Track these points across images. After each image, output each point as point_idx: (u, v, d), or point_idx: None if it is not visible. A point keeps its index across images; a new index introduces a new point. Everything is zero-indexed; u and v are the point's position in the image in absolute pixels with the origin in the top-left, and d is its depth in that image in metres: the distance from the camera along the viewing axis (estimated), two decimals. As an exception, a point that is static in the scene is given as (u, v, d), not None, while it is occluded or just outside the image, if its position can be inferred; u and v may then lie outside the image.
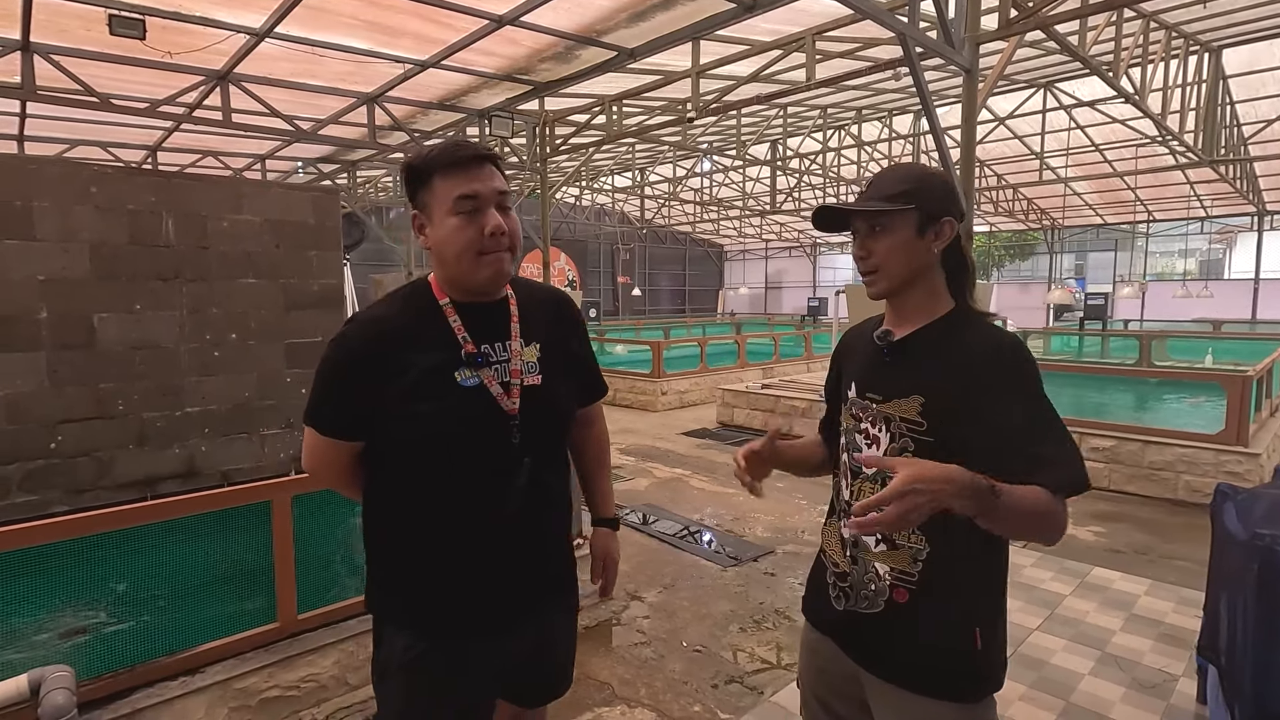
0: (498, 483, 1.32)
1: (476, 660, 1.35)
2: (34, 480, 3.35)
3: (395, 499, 1.33)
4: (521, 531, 1.36)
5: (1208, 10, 7.34)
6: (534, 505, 1.36)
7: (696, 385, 10.81)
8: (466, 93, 7.43)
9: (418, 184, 1.28)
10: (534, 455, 1.34)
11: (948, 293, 1.32)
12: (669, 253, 27.17)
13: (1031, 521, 1.12)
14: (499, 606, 1.36)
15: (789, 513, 5.31)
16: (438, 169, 1.25)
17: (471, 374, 1.29)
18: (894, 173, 1.31)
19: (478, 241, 1.25)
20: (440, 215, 1.25)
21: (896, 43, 4.34)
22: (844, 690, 1.38)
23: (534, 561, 1.40)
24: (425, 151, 1.27)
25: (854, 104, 10.94)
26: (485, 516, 1.32)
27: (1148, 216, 17.84)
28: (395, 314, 1.32)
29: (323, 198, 4.27)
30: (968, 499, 1.02)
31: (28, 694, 1.87)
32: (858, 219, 1.30)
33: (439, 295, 1.32)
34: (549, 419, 1.39)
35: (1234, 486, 2.54)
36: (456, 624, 1.33)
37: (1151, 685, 2.86)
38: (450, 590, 1.33)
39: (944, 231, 1.28)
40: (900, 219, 1.25)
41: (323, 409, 1.31)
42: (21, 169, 3.27)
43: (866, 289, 1.33)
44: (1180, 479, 5.52)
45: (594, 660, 3.12)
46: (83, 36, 5.49)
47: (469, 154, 1.25)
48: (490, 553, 1.33)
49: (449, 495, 1.30)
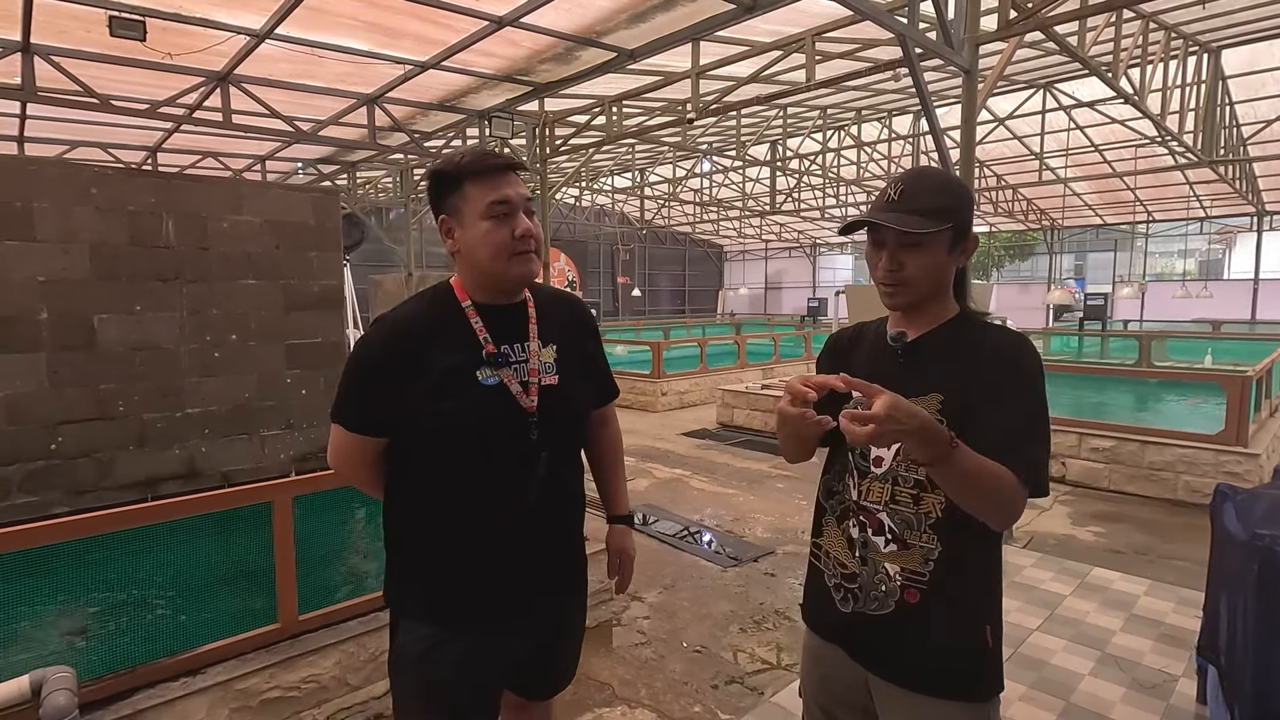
0: (517, 476, 1.39)
1: (492, 648, 1.41)
2: (34, 481, 3.35)
3: (419, 493, 1.40)
4: (539, 523, 1.42)
5: (1207, 11, 7.34)
6: (551, 498, 1.43)
7: (696, 386, 10.82)
8: (466, 93, 7.43)
9: (449, 189, 1.35)
10: (551, 451, 1.41)
11: (954, 298, 1.33)
12: (669, 253, 27.18)
13: (983, 489, 1.13)
14: (516, 593, 1.42)
15: (789, 513, 5.31)
16: (469, 175, 1.32)
17: (492, 373, 1.36)
18: (928, 182, 1.28)
19: (509, 243, 1.33)
20: (472, 219, 1.33)
21: (896, 43, 4.35)
22: (848, 698, 1.37)
23: (550, 552, 1.47)
24: (455, 159, 1.34)
25: (854, 104, 10.95)
26: (505, 508, 1.38)
27: (1147, 217, 17.85)
28: (420, 314, 1.39)
29: (323, 199, 4.27)
30: (928, 441, 1.05)
31: (29, 695, 1.87)
32: (891, 230, 1.25)
33: (462, 297, 1.40)
34: (565, 417, 1.46)
35: (1234, 487, 2.54)
36: (475, 610, 1.39)
37: (1151, 685, 2.87)
38: (470, 577, 1.39)
39: (969, 247, 1.29)
40: (936, 237, 1.23)
41: (349, 406, 1.37)
42: (22, 170, 3.27)
43: (885, 297, 1.30)
44: (1180, 479, 5.52)
45: (594, 660, 3.12)
46: (83, 38, 5.49)
47: (501, 163, 1.34)
48: (509, 542, 1.40)
49: (471, 487, 1.37)
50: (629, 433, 8.45)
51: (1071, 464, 6.05)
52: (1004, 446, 1.16)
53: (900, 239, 1.24)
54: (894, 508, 1.27)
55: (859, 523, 1.32)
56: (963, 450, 1.09)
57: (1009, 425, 1.19)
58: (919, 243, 1.23)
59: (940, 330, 1.30)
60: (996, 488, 1.13)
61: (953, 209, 1.23)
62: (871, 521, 1.30)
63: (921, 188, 1.25)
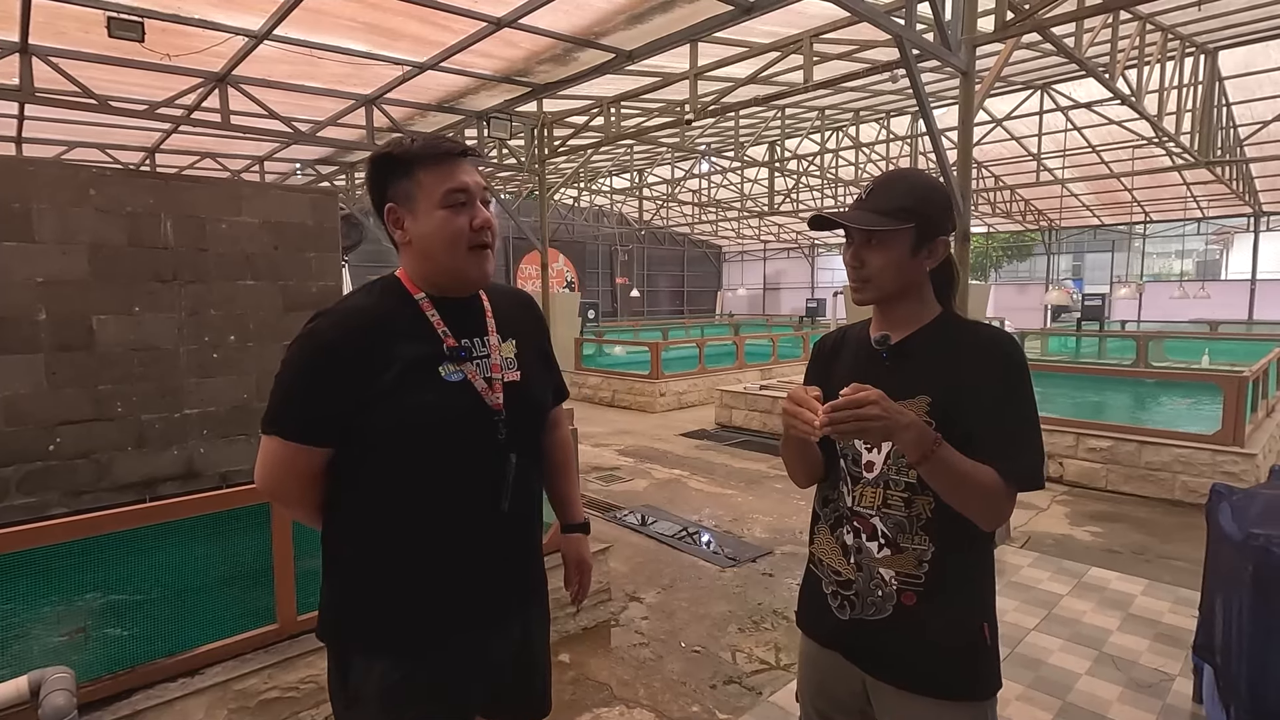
0: (489, 479, 1.29)
1: (464, 670, 1.30)
2: (33, 482, 3.35)
3: (372, 507, 1.26)
4: (509, 529, 1.34)
5: (1203, 12, 7.37)
6: (520, 502, 1.34)
7: (695, 386, 10.82)
8: (465, 94, 7.44)
9: (397, 175, 1.24)
10: (519, 451, 1.32)
11: (935, 300, 1.34)
12: (667, 254, 27.18)
13: (967, 489, 1.17)
14: (487, 607, 1.32)
15: (787, 513, 5.32)
16: (422, 161, 1.23)
17: (455, 369, 1.26)
18: (896, 184, 1.30)
19: (466, 234, 1.24)
20: (427, 208, 1.23)
21: (894, 45, 4.36)
22: (847, 704, 1.37)
23: (518, 560, 1.38)
24: (404, 143, 1.24)
25: (852, 105, 10.97)
26: (477, 514, 1.29)
27: (1144, 217, 17.90)
28: (372, 306, 1.27)
29: (321, 199, 4.27)
30: (913, 437, 1.12)
31: (28, 695, 1.87)
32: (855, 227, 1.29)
33: (414, 290, 1.29)
34: (531, 415, 1.38)
35: (1230, 487, 2.55)
36: (443, 631, 1.28)
37: (1148, 685, 2.88)
38: (436, 589, 1.27)
39: (937, 250, 1.30)
40: (897, 235, 1.26)
41: (290, 410, 1.21)
42: (20, 171, 3.27)
43: (853, 294, 1.34)
44: (1177, 479, 5.54)
45: (593, 661, 3.12)
46: (81, 38, 5.49)
47: (455, 149, 1.25)
48: (481, 551, 1.30)
49: (440, 494, 1.26)
50: (627, 433, 8.46)
51: (1069, 464, 6.07)
52: (992, 449, 1.19)
53: (861, 235, 1.29)
54: (886, 511, 1.28)
55: (853, 529, 1.33)
56: (948, 449, 1.14)
57: (996, 426, 1.21)
58: (880, 240, 1.27)
59: (923, 332, 1.31)
60: (983, 488, 1.17)
61: (915, 210, 1.25)
62: (865, 527, 1.31)
63: (889, 189, 1.29)
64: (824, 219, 1.32)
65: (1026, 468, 1.19)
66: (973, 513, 1.20)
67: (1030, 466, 1.20)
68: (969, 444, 1.18)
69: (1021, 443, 1.21)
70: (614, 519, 5.19)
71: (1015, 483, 1.19)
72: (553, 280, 12.35)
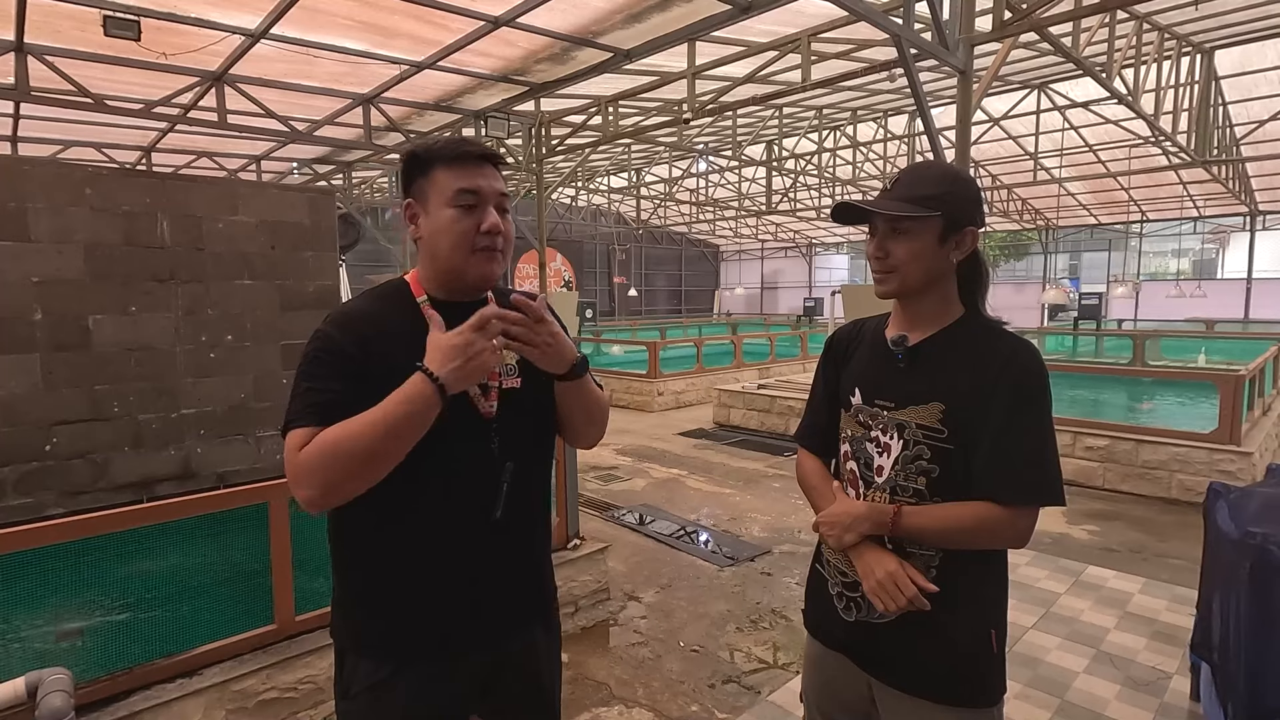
0: (478, 487, 1.26)
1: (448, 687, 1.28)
2: (29, 483, 3.34)
3: (366, 510, 1.23)
4: (503, 538, 1.29)
5: (1200, 12, 7.38)
6: (516, 512, 1.30)
7: (693, 385, 10.82)
8: (462, 93, 7.43)
9: (417, 172, 1.26)
10: (516, 460, 1.29)
11: (959, 299, 1.30)
12: (665, 253, 27.18)
13: (953, 537, 1.20)
14: (478, 622, 1.28)
15: (785, 513, 5.32)
16: (441, 160, 1.23)
17: None
18: (924, 173, 1.27)
19: (472, 235, 1.22)
20: (437, 206, 1.23)
21: (891, 44, 4.36)
22: (852, 706, 1.36)
23: (516, 570, 1.34)
24: (430, 142, 1.26)
25: (849, 105, 10.97)
26: (466, 521, 1.26)
27: (1141, 216, 17.94)
28: (371, 309, 1.28)
29: (318, 198, 4.26)
30: (868, 528, 1.23)
31: (25, 697, 1.86)
32: (879, 217, 1.25)
33: (417, 292, 1.29)
34: (528, 423, 1.34)
35: (1227, 485, 2.56)
36: (430, 632, 1.26)
37: (1145, 683, 2.88)
38: (425, 596, 1.25)
39: (965, 241, 1.25)
40: (924, 224, 1.21)
41: (306, 399, 1.19)
42: (15, 170, 3.26)
43: (876, 286, 1.29)
44: (1174, 478, 5.55)
45: (591, 660, 3.12)
46: (77, 37, 5.47)
47: (475, 151, 1.25)
48: (472, 563, 1.27)
49: (426, 499, 1.24)
50: (625, 432, 8.46)
51: (1066, 463, 6.08)
52: (994, 463, 1.18)
53: (887, 224, 1.25)
54: None
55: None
56: (911, 513, 1.20)
57: (1003, 440, 1.18)
58: (905, 230, 1.23)
59: (943, 334, 1.27)
60: (971, 529, 1.18)
61: (943, 199, 1.21)
62: None
63: (917, 177, 1.26)
64: (848, 209, 1.27)
65: (1029, 484, 1.17)
66: (982, 546, 1.22)
67: (1033, 482, 1.17)
68: (979, 463, 1.18)
69: (1027, 458, 1.17)
70: (612, 518, 5.19)
71: (1017, 499, 1.16)
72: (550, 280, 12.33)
